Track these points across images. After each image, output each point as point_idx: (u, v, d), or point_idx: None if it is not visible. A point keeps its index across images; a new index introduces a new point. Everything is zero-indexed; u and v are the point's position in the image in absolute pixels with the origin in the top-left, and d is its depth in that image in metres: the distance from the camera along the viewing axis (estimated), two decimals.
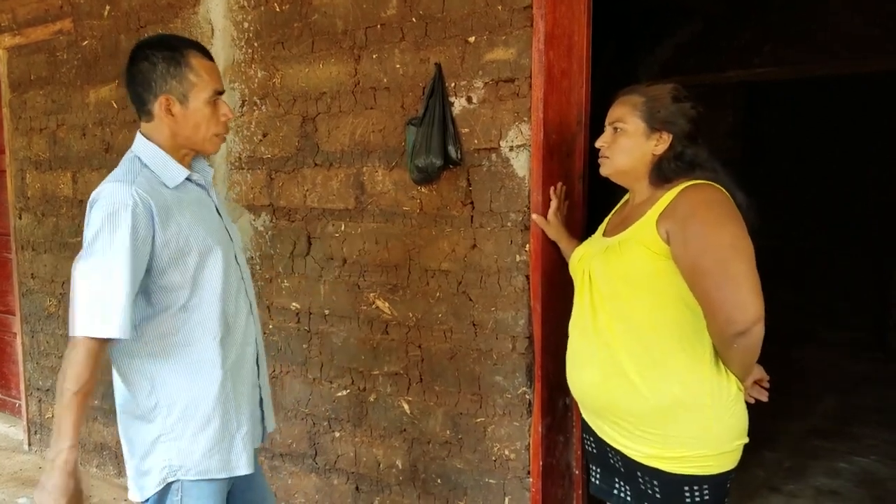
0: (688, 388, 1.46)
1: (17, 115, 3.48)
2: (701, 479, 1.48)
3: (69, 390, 1.39)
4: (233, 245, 1.64)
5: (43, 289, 3.47)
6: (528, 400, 2.10)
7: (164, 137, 1.55)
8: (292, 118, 2.50)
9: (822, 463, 3.42)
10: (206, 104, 1.54)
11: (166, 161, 1.54)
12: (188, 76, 1.52)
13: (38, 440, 3.66)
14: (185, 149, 1.58)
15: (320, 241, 2.48)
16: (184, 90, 1.52)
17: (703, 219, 1.43)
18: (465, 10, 2.08)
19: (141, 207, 1.43)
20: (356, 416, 2.48)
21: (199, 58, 1.54)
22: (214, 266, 1.54)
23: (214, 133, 1.58)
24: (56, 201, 3.35)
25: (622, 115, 1.57)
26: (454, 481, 2.27)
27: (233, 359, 1.59)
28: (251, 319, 1.67)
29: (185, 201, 1.54)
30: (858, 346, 5.58)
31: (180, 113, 1.53)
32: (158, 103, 1.52)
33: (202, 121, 1.54)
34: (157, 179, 1.52)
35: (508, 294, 2.09)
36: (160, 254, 1.47)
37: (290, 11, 2.45)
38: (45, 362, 3.54)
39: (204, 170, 1.67)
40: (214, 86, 1.55)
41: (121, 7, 2.95)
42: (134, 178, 1.47)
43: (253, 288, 1.74)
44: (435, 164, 2.09)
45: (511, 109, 2.03)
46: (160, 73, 1.51)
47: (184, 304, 1.52)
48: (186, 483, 1.53)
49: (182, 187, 1.56)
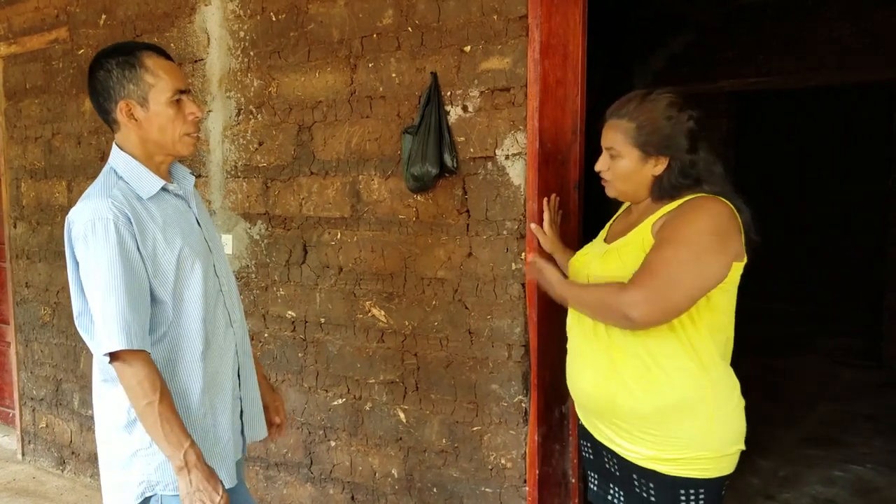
0: (687, 389, 1.47)
1: (13, 123, 3.47)
2: (697, 483, 1.48)
3: (141, 405, 1.39)
4: (212, 256, 1.60)
5: (37, 298, 3.46)
6: (525, 408, 2.10)
7: (135, 145, 1.52)
8: (288, 127, 2.51)
9: (818, 471, 3.42)
10: (169, 104, 1.49)
11: (140, 172, 1.51)
12: (144, 78, 1.48)
13: (32, 450, 3.63)
14: (158, 155, 1.54)
15: (316, 250, 2.48)
16: (142, 93, 1.48)
17: (692, 218, 1.43)
18: (460, 20, 2.09)
19: (122, 219, 1.42)
20: (352, 425, 2.47)
21: (154, 58, 1.50)
22: (194, 279, 1.52)
23: (184, 133, 1.53)
24: (51, 210, 3.34)
25: (614, 142, 1.55)
26: (450, 490, 2.27)
27: (210, 372, 1.55)
28: (230, 332, 1.62)
29: (162, 213, 1.51)
30: (851, 354, 5.60)
31: (143, 116, 1.49)
32: (119, 109, 1.49)
33: (167, 122, 1.50)
34: (133, 192, 1.49)
35: (504, 302, 2.10)
36: (147, 265, 1.45)
37: (287, 21, 2.47)
38: (39, 372, 3.52)
39: (184, 178, 1.63)
40: (175, 84, 1.50)
41: (117, 16, 2.95)
42: (109, 192, 1.46)
43: (239, 298, 1.71)
44: (431, 172, 2.09)
45: (507, 118, 2.04)
46: (116, 79, 1.48)
47: (171, 320, 1.50)
48: (166, 497, 1.50)
49: (158, 198, 1.52)
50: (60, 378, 3.41)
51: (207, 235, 1.62)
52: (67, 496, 3.24)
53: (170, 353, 1.50)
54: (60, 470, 3.48)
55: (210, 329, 1.55)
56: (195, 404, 1.52)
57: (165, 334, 1.49)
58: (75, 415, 3.36)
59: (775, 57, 4.81)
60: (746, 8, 4.85)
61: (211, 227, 1.68)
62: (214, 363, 1.56)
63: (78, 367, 3.30)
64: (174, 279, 1.48)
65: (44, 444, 3.56)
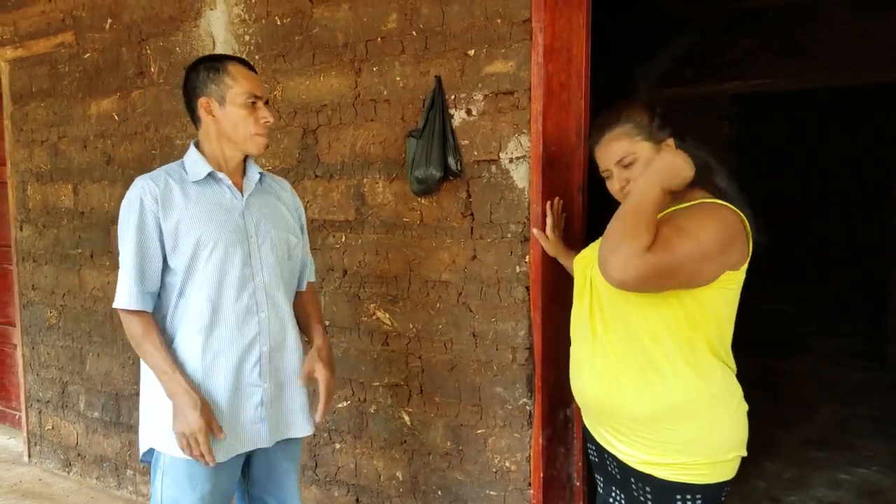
0: (682, 394, 1.46)
1: (19, 126, 3.49)
2: (694, 488, 1.47)
3: (138, 349, 1.65)
4: (249, 245, 1.72)
5: (43, 300, 3.48)
6: (529, 411, 2.11)
7: (210, 138, 1.73)
8: (293, 130, 2.52)
9: (823, 474, 3.41)
10: (243, 106, 1.69)
11: (195, 158, 1.72)
12: (225, 80, 1.69)
13: (38, 452, 3.65)
14: (229, 149, 1.73)
15: (321, 253, 2.49)
16: (221, 92, 1.69)
17: (702, 217, 1.42)
18: (464, 24, 2.10)
19: (149, 197, 1.64)
20: (356, 428, 2.48)
21: (237, 66, 1.72)
22: (212, 261, 1.66)
23: (254, 133, 1.71)
24: (57, 213, 3.36)
25: (623, 151, 1.54)
26: (455, 493, 2.27)
27: (215, 351, 1.68)
28: (253, 319, 1.72)
29: (201, 196, 1.69)
30: (853, 355, 5.59)
31: (220, 113, 1.70)
32: (200, 105, 1.71)
33: (239, 120, 1.70)
34: (183, 174, 1.71)
35: (508, 305, 2.10)
36: (167, 239, 1.64)
37: (291, 24, 2.48)
38: (45, 374, 3.53)
39: (251, 175, 1.79)
40: (250, 89, 1.70)
41: (122, 20, 2.97)
42: (152, 173, 1.70)
43: (283, 295, 1.78)
44: (435, 175, 2.10)
45: (510, 121, 2.05)
46: (202, 80, 1.70)
47: (180, 290, 1.67)
48: (166, 457, 1.68)
49: (205, 183, 1.71)
50: (66, 380, 3.42)
51: (255, 230, 1.74)
52: (73, 498, 3.25)
53: (172, 319, 1.69)
54: (66, 472, 3.49)
55: (222, 310, 1.68)
56: (191, 373, 1.66)
57: (173, 303, 1.69)
58: (81, 417, 3.37)
59: (777, 59, 4.81)
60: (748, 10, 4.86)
61: (269, 223, 1.78)
62: (221, 343, 1.68)
63: (84, 370, 3.32)
64: (190, 256, 1.65)
65: (50, 446, 3.58)
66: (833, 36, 4.56)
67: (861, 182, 6.93)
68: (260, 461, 1.82)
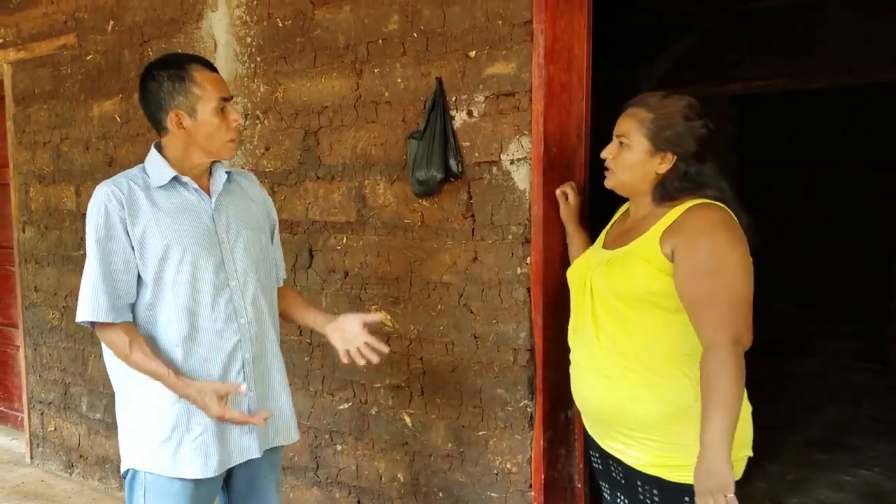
0: (689, 395, 1.47)
1: (21, 128, 3.50)
2: None
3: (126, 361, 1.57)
4: (221, 251, 1.65)
5: (46, 302, 3.48)
6: (530, 413, 2.11)
7: (178, 147, 1.64)
8: (294, 132, 2.52)
9: (825, 475, 3.41)
10: (214, 114, 1.61)
11: (158, 164, 1.64)
12: (192, 90, 1.59)
13: (40, 453, 3.65)
14: (197, 157, 1.65)
15: (322, 254, 2.50)
16: (191, 104, 1.60)
17: (714, 238, 1.42)
18: (465, 25, 2.11)
19: (114, 202, 1.56)
20: (358, 429, 2.48)
21: (201, 70, 1.61)
22: (183, 268, 1.59)
23: (228, 140, 1.65)
24: (59, 215, 3.36)
25: (628, 130, 1.55)
26: (456, 495, 2.27)
27: (195, 362, 1.61)
28: (232, 326, 1.65)
29: (167, 202, 1.61)
30: (856, 357, 5.58)
31: (191, 126, 1.61)
32: (169, 119, 1.61)
33: (213, 130, 1.62)
34: (146, 180, 1.63)
35: (510, 306, 2.10)
36: (135, 246, 1.57)
37: (293, 26, 2.48)
38: (47, 375, 3.54)
39: (218, 177, 1.71)
40: (218, 94, 1.62)
41: (124, 22, 2.98)
42: (115, 179, 1.62)
43: (262, 298, 1.71)
44: (436, 177, 2.10)
45: (511, 123, 2.05)
46: (167, 91, 1.59)
47: (150, 302, 1.60)
48: (148, 475, 1.62)
49: (169, 188, 1.63)
50: (69, 382, 3.43)
51: (226, 232, 1.67)
52: (76, 499, 3.26)
53: (149, 332, 1.61)
54: (69, 473, 3.50)
55: (200, 319, 1.61)
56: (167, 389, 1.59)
57: (143, 315, 1.61)
58: (83, 418, 3.38)
59: (779, 60, 4.80)
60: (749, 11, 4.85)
61: (240, 224, 1.71)
62: (202, 353, 1.62)
63: (86, 371, 3.32)
64: (158, 263, 1.58)
65: (52, 448, 3.58)
66: (833, 37, 4.56)
67: (861, 182, 6.91)
68: (242, 471, 1.75)
